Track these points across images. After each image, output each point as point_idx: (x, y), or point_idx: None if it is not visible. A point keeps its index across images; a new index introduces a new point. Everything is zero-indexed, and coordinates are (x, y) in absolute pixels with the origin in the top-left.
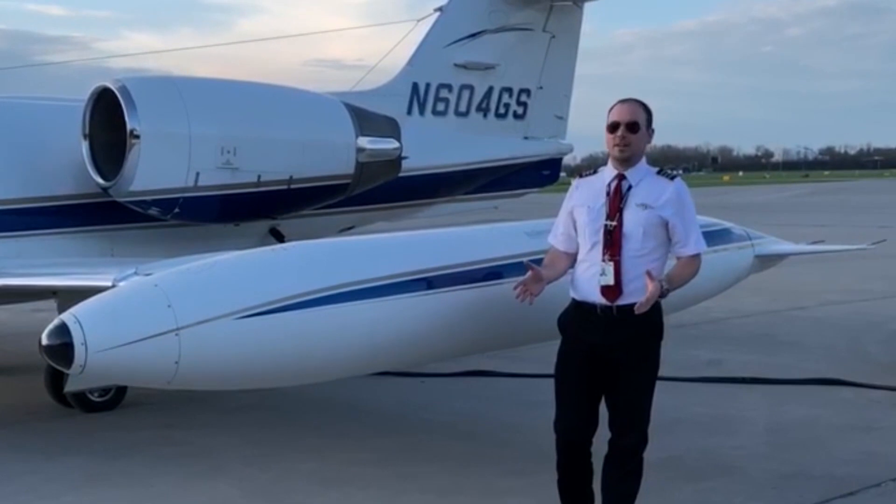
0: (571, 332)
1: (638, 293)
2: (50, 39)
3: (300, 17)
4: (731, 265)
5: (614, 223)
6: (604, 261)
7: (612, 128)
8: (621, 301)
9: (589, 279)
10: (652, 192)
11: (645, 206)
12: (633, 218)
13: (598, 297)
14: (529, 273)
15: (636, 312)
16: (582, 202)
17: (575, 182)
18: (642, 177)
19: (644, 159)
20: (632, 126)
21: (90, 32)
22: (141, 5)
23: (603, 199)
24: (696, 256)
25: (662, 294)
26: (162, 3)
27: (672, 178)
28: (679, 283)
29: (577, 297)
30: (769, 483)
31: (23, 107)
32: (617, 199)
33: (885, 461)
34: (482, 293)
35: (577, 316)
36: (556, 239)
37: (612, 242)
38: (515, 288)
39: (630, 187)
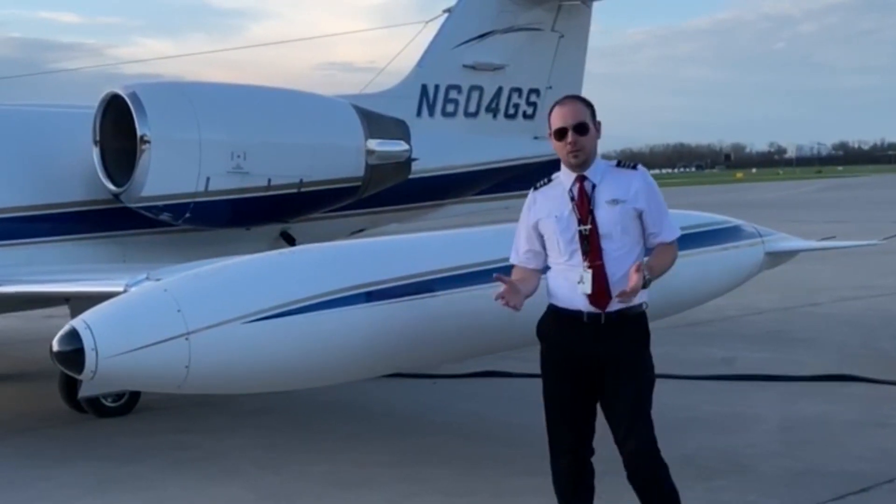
0: (554, 341)
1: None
2: (63, 46)
3: (311, 21)
4: (741, 263)
5: (588, 227)
6: (584, 268)
7: (560, 134)
8: (612, 307)
9: (571, 286)
10: (619, 186)
11: (616, 202)
12: (606, 216)
13: (584, 305)
14: (504, 287)
15: (618, 299)
16: (546, 213)
17: (531, 195)
18: (603, 173)
19: (598, 155)
20: (579, 128)
21: (103, 39)
22: (153, 11)
23: (569, 205)
24: (675, 243)
25: (645, 284)
26: (173, 9)
27: (634, 167)
28: (660, 271)
29: (559, 304)
30: (782, 481)
31: (34, 114)
32: (584, 202)
33: None
34: (493, 292)
35: (559, 323)
36: (520, 258)
37: (591, 247)
38: (496, 298)
39: (594, 186)
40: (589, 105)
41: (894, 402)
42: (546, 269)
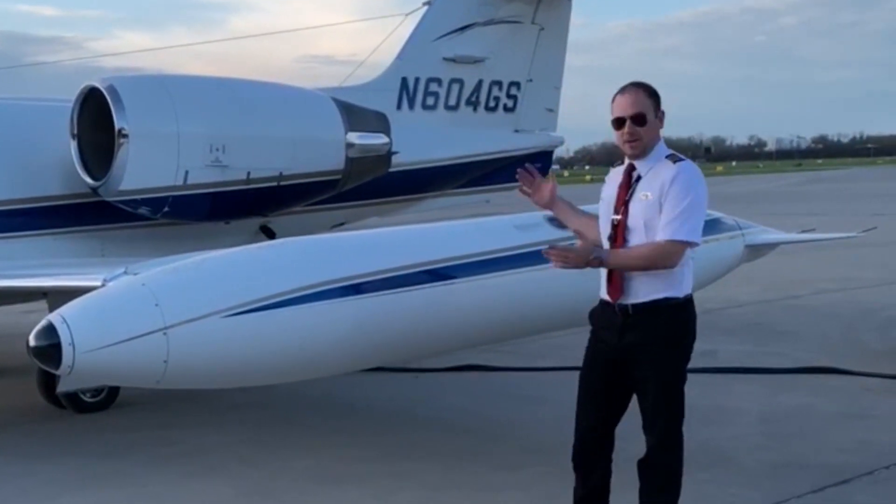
0: (595, 331)
1: (643, 290)
2: (42, 40)
3: (292, 14)
4: (721, 255)
5: (619, 217)
6: None
7: (618, 124)
8: (628, 299)
9: (604, 275)
10: (656, 181)
11: (646, 196)
12: (636, 210)
13: (608, 295)
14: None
15: (542, 253)
16: (603, 195)
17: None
18: (653, 165)
19: (660, 144)
20: (638, 119)
21: (82, 32)
22: (132, 4)
23: (615, 190)
24: (669, 243)
25: (591, 264)
26: (153, 2)
27: (676, 161)
28: (627, 262)
29: (600, 295)
30: (764, 473)
31: (11, 108)
32: (625, 192)
33: (879, 449)
34: (472, 286)
35: (600, 313)
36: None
37: (617, 237)
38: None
39: (639, 178)
40: (653, 94)
41: (874, 394)
42: None
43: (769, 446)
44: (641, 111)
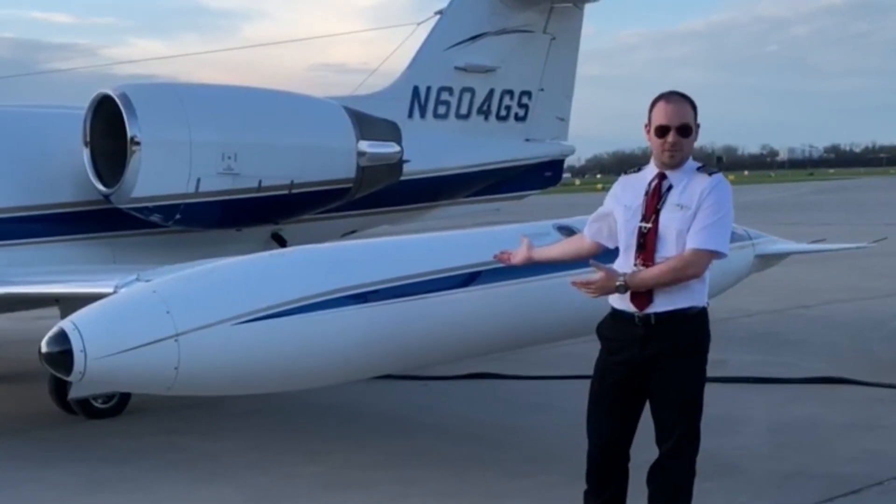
0: (609, 344)
1: (668, 300)
2: (55, 47)
3: (305, 22)
4: (731, 265)
5: (649, 225)
6: (635, 265)
7: (661, 131)
8: (652, 309)
9: None
10: (691, 192)
11: (681, 207)
12: (668, 220)
13: (631, 306)
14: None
15: (571, 284)
16: (620, 201)
17: (619, 180)
18: (686, 176)
19: (690, 158)
20: (684, 130)
21: (95, 39)
22: (145, 12)
23: (641, 198)
24: (695, 252)
25: (617, 289)
26: (166, 10)
27: (711, 174)
28: (652, 280)
29: (615, 306)
30: (772, 483)
31: (24, 115)
32: (655, 200)
33: (888, 460)
34: (483, 295)
35: (615, 326)
36: (587, 227)
37: (645, 246)
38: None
39: (670, 187)
40: (694, 106)
41: (884, 405)
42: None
43: (778, 456)
44: (687, 122)
